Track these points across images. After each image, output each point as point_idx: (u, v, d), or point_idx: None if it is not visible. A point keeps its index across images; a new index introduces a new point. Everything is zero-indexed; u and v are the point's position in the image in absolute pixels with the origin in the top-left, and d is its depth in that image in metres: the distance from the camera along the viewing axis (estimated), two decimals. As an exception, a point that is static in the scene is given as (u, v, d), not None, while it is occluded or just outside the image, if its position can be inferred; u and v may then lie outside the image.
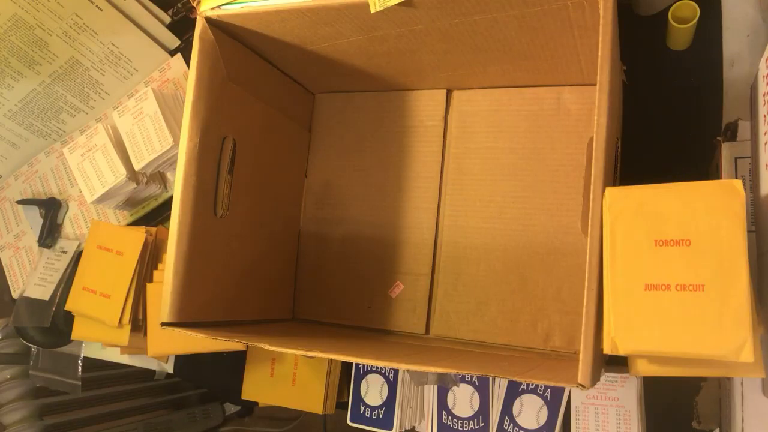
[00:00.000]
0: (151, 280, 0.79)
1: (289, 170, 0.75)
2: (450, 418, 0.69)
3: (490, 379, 0.67)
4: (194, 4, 0.58)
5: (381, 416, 0.71)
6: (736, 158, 0.56)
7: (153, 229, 0.81)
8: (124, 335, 0.79)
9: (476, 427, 0.67)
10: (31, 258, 0.96)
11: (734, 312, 0.40)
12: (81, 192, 0.87)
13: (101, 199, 0.84)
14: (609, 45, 0.45)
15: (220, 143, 0.61)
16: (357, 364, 0.74)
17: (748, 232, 0.42)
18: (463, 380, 0.68)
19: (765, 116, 0.51)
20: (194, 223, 0.57)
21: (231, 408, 1.54)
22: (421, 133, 0.72)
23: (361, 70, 0.68)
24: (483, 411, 0.67)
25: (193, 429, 1.41)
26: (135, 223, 0.90)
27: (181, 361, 0.89)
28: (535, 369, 0.49)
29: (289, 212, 0.76)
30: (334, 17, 0.55)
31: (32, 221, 0.95)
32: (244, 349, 0.78)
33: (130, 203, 0.88)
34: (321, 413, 0.74)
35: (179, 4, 0.88)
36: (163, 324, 0.55)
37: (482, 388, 0.68)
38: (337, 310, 0.74)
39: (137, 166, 0.81)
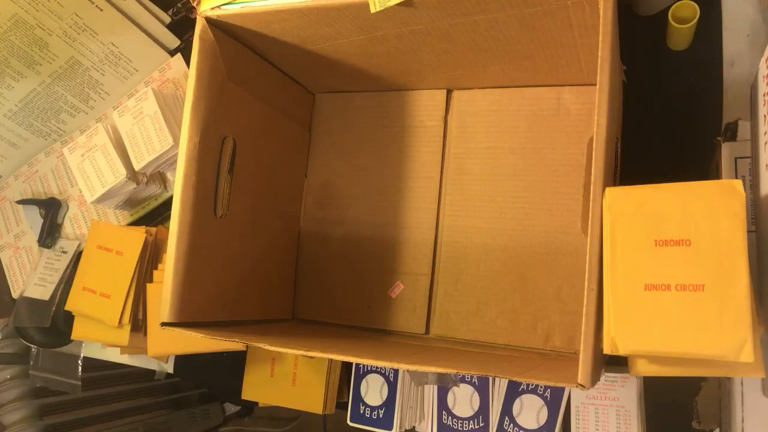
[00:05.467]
0: (151, 280, 0.79)
1: (289, 170, 0.75)
2: (450, 418, 0.69)
3: (490, 379, 0.67)
4: (194, 4, 0.58)
5: (381, 416, 0.71)
6: (736, 158, 0.56)
7: (153, 229, 0.81)
8: (124, 335, 0.79)
9: (476, 427, 0.67)
10: (31, 258, 0.96)
11: (734, 312, 0.40)
12: (81, 192, 0.87)
13: (101, 199, 0.84)
14: (609, 45, 0.45)
15: (220, 143, 0.61)
16: (357, 364, 0.74)
17: (748, 232, 0.42)
18: (463, 380, 0.68)
19: (765, 116, 0.51)
20: (194, 223, 0.57)
21: (231, 408, 1.54)
22: (421, 133, 0.72)
23: (361, 70, 0.68)
24: (483, 411, 0.67)
25: (193, 429, 1.41)
26: (135, 223, 0.90)
27: (181, 361, 0.89)
28: (535, 369, 0.49)
29: (289, 212, 0.76)
30: (334, 17, 0.55)
31: (32, 221, 0.95)
32: (244, 349, 0.78)
33: (130, 203, 0.88)
34: (321, 413, 0.74)
35: (179, 4, 0.88)
36: (163, 324, 0.55)
37: (482, 388, 0.68)
38: (337, 310, 0.74)
39: (137, 166, 0.81)
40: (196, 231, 0.57)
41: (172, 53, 0.89)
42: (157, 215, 0.90)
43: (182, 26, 0.88)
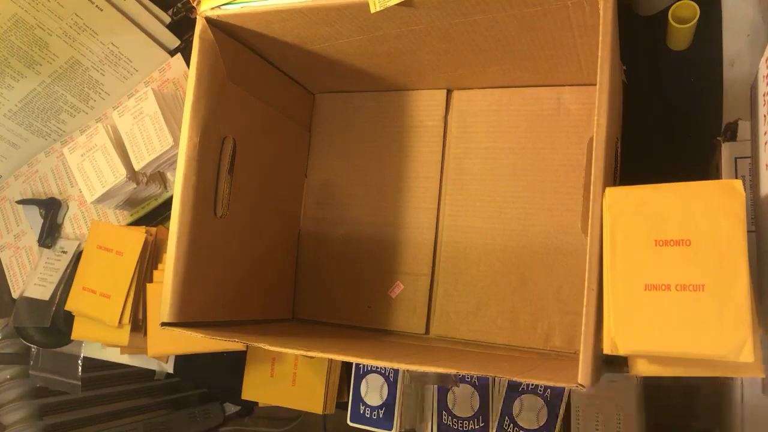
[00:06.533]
0: (151, 280, 0.79)
1: (289, 170, 0.75)
2: (450, 418, 0.69)
3: (490, 379, 0.67)
4: (194, 4, 0.58)
5: (381, 416, 0.71)
6: (736, 158, 0.56)
7: (153, 229, 0.81)
8: (124, 335, 0.79)
9: (476, 427, 0.67)
10: (31, 258, 0.96)
11: (734, 312, 0.40)
12: (81, 192, 0.87)
13: (101, 199, 0.84)
14: (609, 45, 0.45)
15: (220, 143, 0.61)
16: (357, 364, 0.74)
17: (748, 232, 0.42)
18: (463, 380, 0.68)
19: (765, 116, 0.51)
20: (194, 223, 0.57)
21: (231, 408, 1.54)
22: (421, 133, 0.72)
23: (361, 70, 0.68)
24: (483, 411, 0.67)
25: (193, 429, 1.41)
26: (135, 223, 0.90)
27: (181, 361, 0.89)
28: (535, 369, 0.49)
29: (289, 212, 0.76)
30: (334, 17, 0.55)
31: (32, 221, 0.95)
32: (244, 349, 0.78)
33: (130, 203, 0.88)
34: (321, 413, 0.74)
35: (179, 4, 0.88)
36: (163, 324, 0.55)
37: (482, 388, 0.68)
38: (337, 310, 0.74)
39: (137, 166, 0.81)
40: (196, 231, 0.57)
41: (172, 53, 0.89)
42: (157, 215, 0.90)
43: (182, 26, 0.88)
